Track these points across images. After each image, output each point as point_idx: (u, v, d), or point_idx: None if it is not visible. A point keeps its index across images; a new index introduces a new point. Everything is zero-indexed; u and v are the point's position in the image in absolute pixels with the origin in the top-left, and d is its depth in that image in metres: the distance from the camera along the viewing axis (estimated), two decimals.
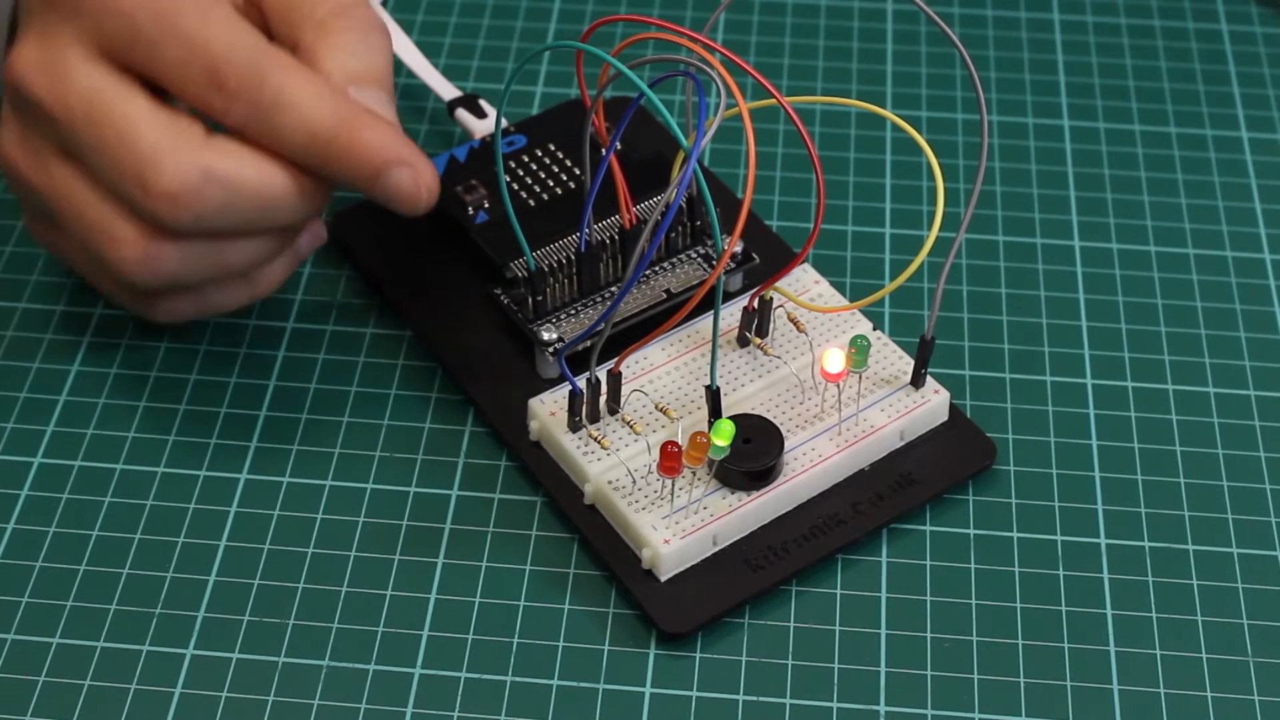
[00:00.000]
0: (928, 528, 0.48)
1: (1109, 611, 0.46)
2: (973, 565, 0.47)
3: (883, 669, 0.45)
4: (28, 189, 0.47)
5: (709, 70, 0.43)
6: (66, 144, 0.45)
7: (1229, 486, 0.49)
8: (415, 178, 0.45)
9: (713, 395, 0.47)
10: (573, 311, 0.50)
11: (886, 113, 0.46)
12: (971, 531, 0.48)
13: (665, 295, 0.51)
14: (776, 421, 0.48)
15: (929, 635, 0.46)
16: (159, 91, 0.45)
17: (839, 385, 0.48)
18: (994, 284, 0.54)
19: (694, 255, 0.52)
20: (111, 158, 0.44)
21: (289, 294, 0.53)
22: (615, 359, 0.47)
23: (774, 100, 0.44)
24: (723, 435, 0.45)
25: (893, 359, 0.50)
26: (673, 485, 0.46)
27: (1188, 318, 0.54)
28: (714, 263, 0.51)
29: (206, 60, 0.44)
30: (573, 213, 0.51)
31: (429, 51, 0.61)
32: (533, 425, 0.48)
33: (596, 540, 0.47)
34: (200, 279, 0.47)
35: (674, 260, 0.51)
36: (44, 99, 0.45)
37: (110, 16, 0.44)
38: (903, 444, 0.49)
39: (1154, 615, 0.46)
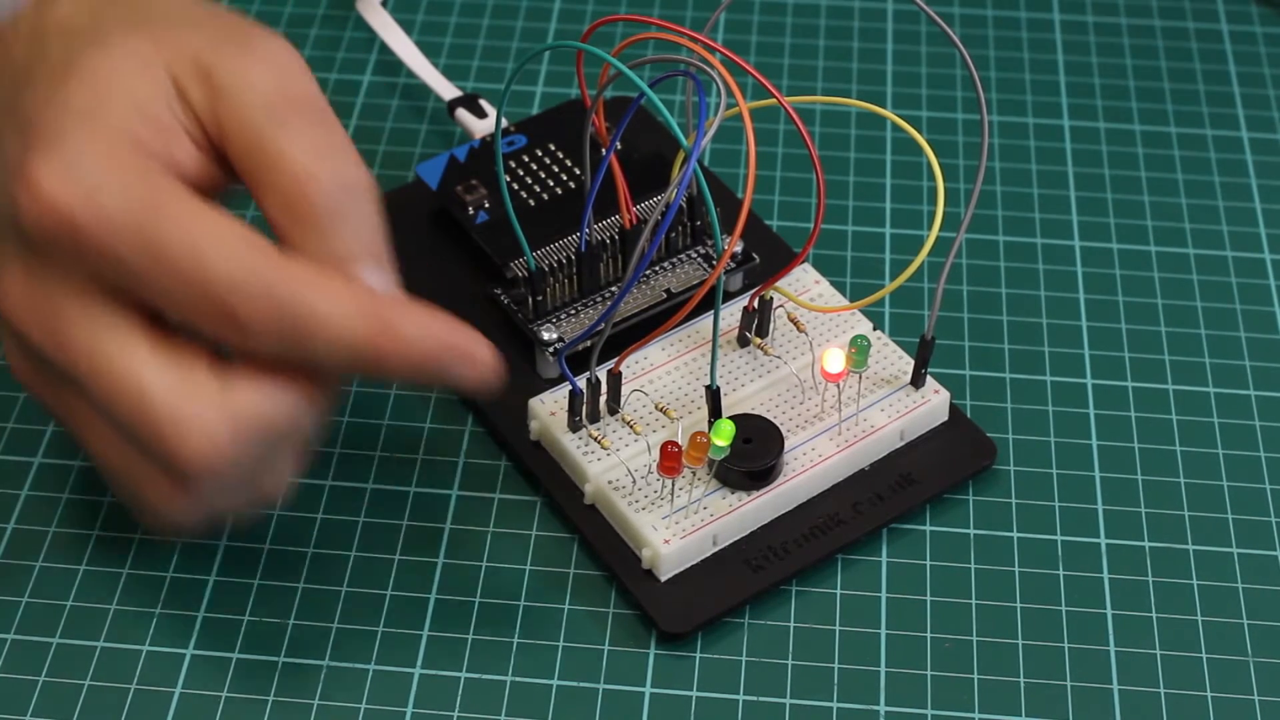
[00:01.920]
0: (928, 528, 0.48)
1: (1109, 611, 0.46)
2: (973, 565, 0.47)
3: (883, 669, 0.45)
4: (40, 403, 0.43)
5: (709, 70, 0.43)
6: (71, 383, 0.41)
7: (1229, 486, 0.49)
8: (474, 366, 0.41)
9: (713, 395, 0.47)
10: (573, 311, 0.50)
11: (886, 113, 0.46)
12: (971, 531, 0.48)
13: (665, 295, 0.51)
14: (776, 421, 0.48)
15: (929, 635, 0.46)
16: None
17: (839, 385, 0.48)
18: (994, 284, 0.54)
19: (694, 255, 0.52)
20: (126, 419, 0.40)
21: None
22: (615, 359, 0.47)
23: (774, 100, 0.44)
24: (723, 435, 0.45)
25: (893, 359, 0.50)
26: (673, 485, 0.46)
27: (1188, 318, 0.54)
28: (714, 263, 0.51)
29: (209, 296, 0.39)
30: (573, 213, 0.51)
31: (429, 51, 0.61)
32: (533, 425, 0.48)
33: (596, 540, 0.47)
34: (230, 500, 0.43)
35: (674, 260, 0.51)
36: (42, 345, 0.41)
37: (95, 257, 0.39)
38: (903, 444, 0.49)
39: (1154, 615, 0.46)
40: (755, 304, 0.49)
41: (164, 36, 0.42)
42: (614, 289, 0.51)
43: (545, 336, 0.49)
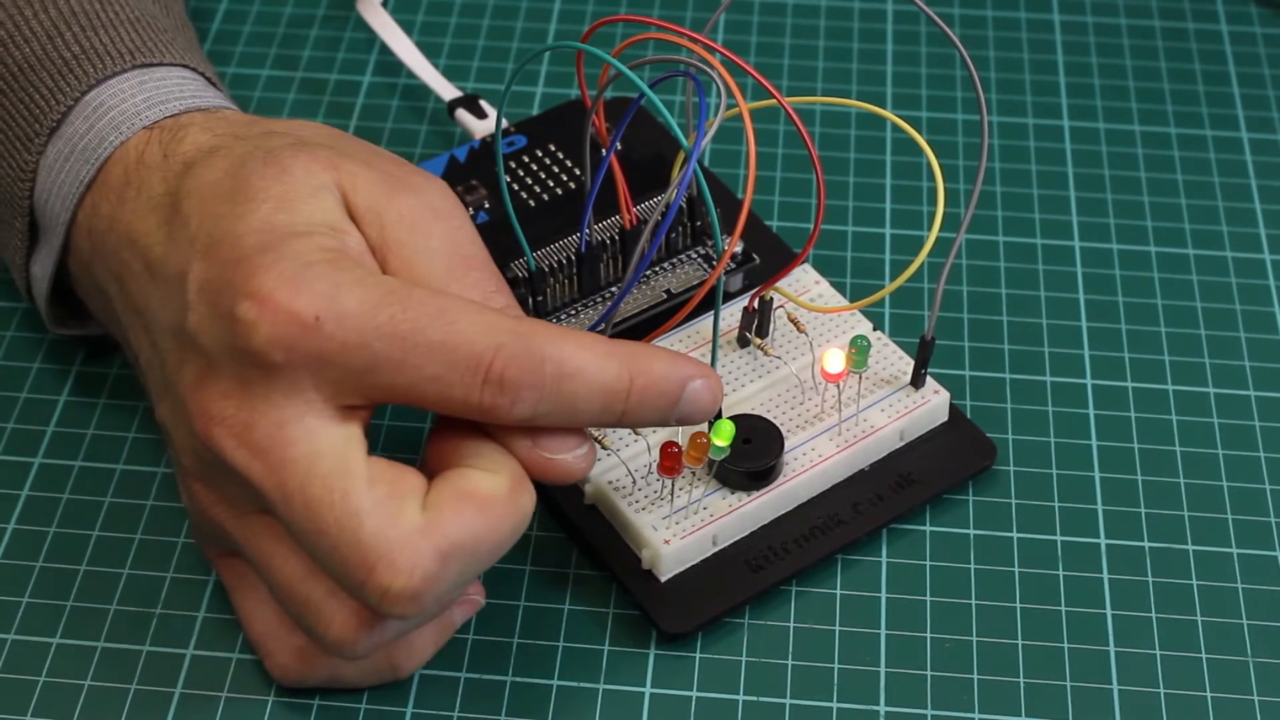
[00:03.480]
0: (928, 528, 0.48)
1: (1109, 611, 0.46)
2: (973, 565, 0.47)
3: (883, 669, 0.45)
4: (216, 530, 0.43)
5: (709, 70, 0.43)
6: (272, 510, 0.40)
7: (1229, 486, 0.49)
8: (708, 385, 0.42)
9: None
10: (573, 311, 0.50)
11: (886, 113, 0.46)
12: (971, 531, 0.48)
13: (665, 295, 0.51)
14: (776, 422, 0.48)
15: (929, 635, 0.46)
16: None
17: (839, 385, 0.48)
18: (994, 284, 0.54)
19: (694, 255, 0.52)
20: (329, 545, 0.39)
21: None
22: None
23: (774, 100, 0.44)
24: (723, 435, 0.45)
25: (893, 359, 0.50)
26: (673, 485, 0.46)
27: (1188, 318, 0.54)
28: (714, 263, 0.51)
29: (470, 363, 0.39)
30: (573, 213, 0.51)
31: (429, 51, 0.61)
32: None
33: (596, 540, 0.47)
34: (412, 629, 0.42)
35: (674, 260, 0.51)
36: (247, 469, 0.40)
37: (340, 357, 0.39)
38: (903, 444, 0.49)
39: (1154, 615, 0.46)
40: (755, 304, 0.49)
41: (329, 159, 0.43)
42: (614, 289, 0.51)
43: None
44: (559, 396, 0.40)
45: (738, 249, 0.52)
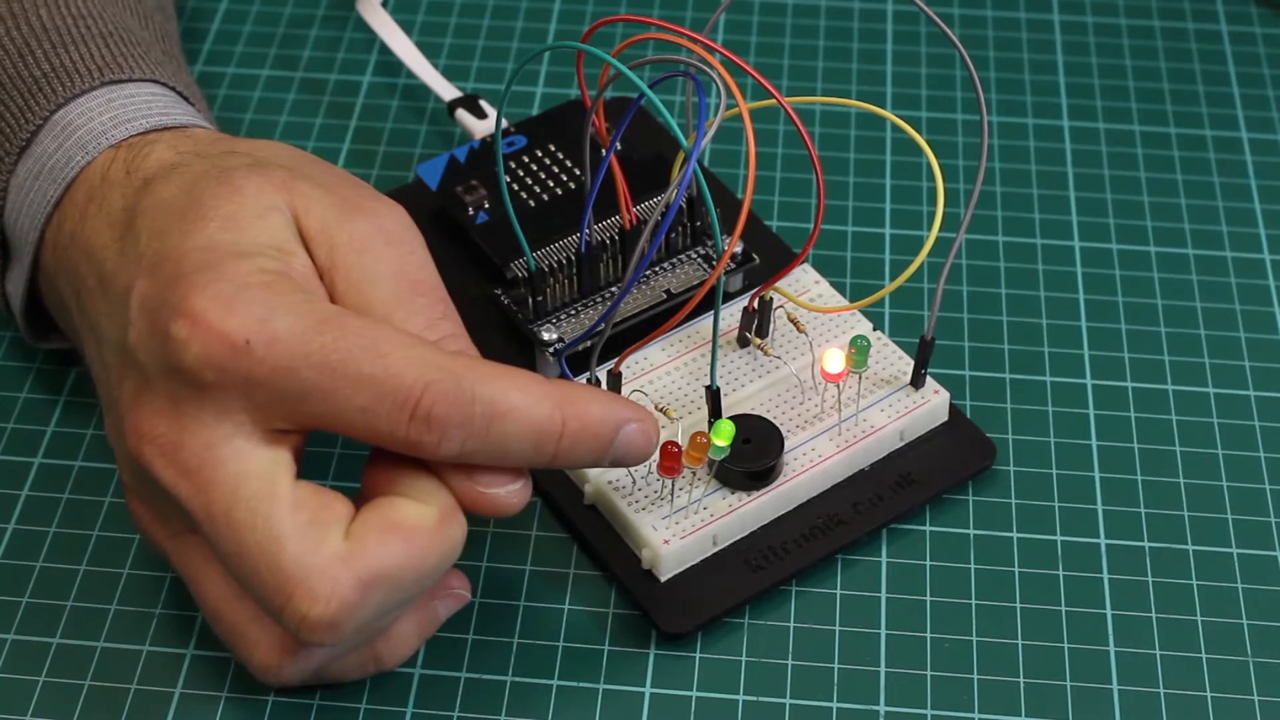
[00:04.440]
0: (928, 528, 0.48)
1: (1109, 611, 0.46)
2: (973, 565, 0.47)
3: (883, 669, 0.45)
4: (153, 547, 0.43)
5: (709, 70, 0.43)
6: (199, 530, 0.40)
7: (1229, 486, 0.49)
8: (642, 429, 0.42)
9: (713, 395, 0.47)
10: (573, 312, 0.50)
11: (886, 113, 0.46)
12: (971, 531, 0.48)
13: (665, 295, 0.51)
14: (776, 422, 0.48)
15: (929, 635, 0.46)
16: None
17: (839, 385, 0.48)
18: (994, 284, 0.54)
19: (694, 255, 0.52)
20: (249, 569, 0.39)
21: None
22: (615, 359, 0.47)
23: (774, 100, 0.44)
24: (723, 435, 0.45)
25: (893, 359, 0.50)
26: (673, 485, 0.46)
27: (1188, 318, 0.54)
28: (714, 263, 0.51)
29: (398, 396, 0.39)
30: (573, 213, 0.51)
31: (429, 51, 0.61)
32: None
33: (596, 540, 0.47)
34: (342, 655, 0.43)
35: (674, 260, 0.51)
36: (175, 488, 0.40)
37: (269, 381, 0.39)
38: (903, 444, 0.49)
39: (1154, 615, 0.46)
40: (755, 304, 0.49)
41: (283, 180, 0.42)
42: (614, 289, 0.51)
43: (545, 337, 0.49)
44: (488, 436, 0.40)
45: (738, 249, 0.52)
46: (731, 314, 0.50)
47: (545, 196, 0.53)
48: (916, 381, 0.49)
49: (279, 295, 0.40)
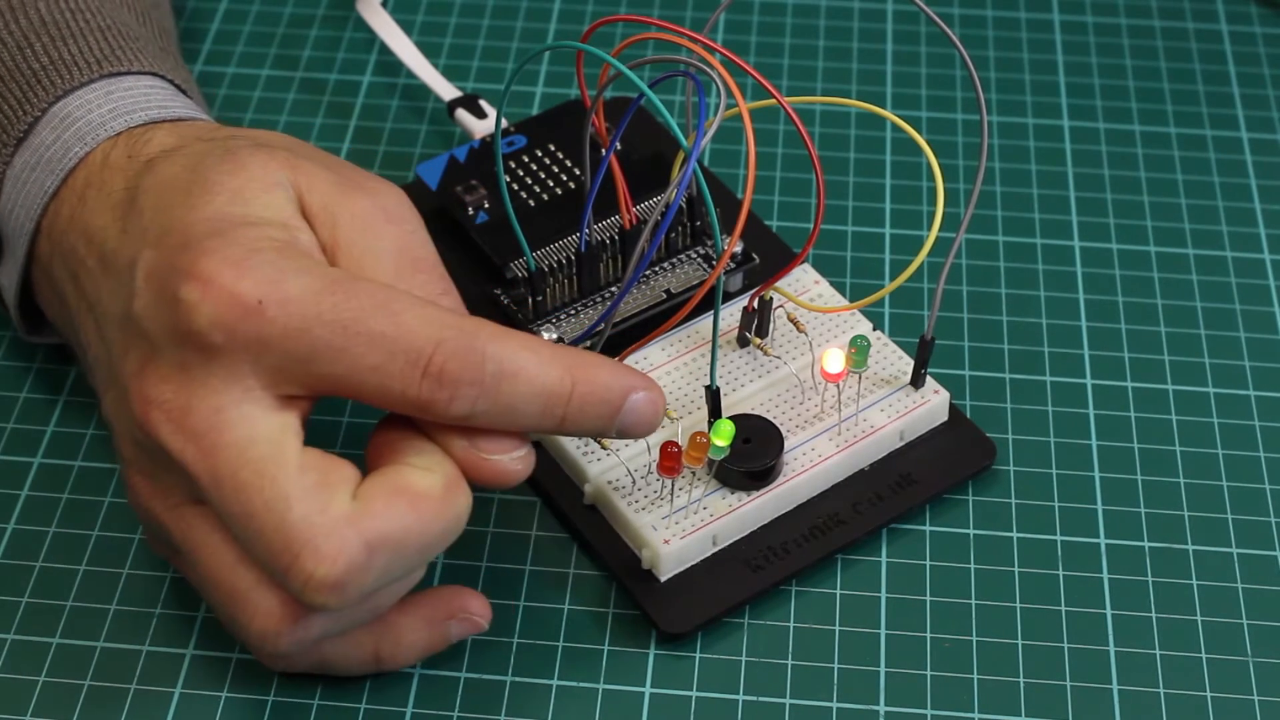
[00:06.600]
0: (927, 528, 0.48)
1: (1109, 611, 0.46)
2: (972, 565, 0.47)
3: (883, 669, 0.45)
4: (154, 523, 0.42)
5: (709, 70, 0.43)
6: (203, 498, 0.40)
7: (1229, 486, 0.49)
8: (650, 398, 0.42)
9: (712, 395, 0.47)
10: (573, 311, 0.50)
11: (886, 113, 0.46)
12: (971, 531, 0.48)
13: (665, 295, 0.51)
14: (776, 421, 0.48)
15: (929, 635, 0.46)
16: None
17: (839, 385, 0.48)
18: (994, 284, 0.54)
19: (694, 255, 0.52)
20: (256, 529, 0.39)
21: None
22: (615, 359, 0.47)
23: (774, 100, 0.44)
24: (722, 435, 0.45)
25: (893, 359, 0.50)
26: (672, 485, 0.46)
27: (1188, 318, 0.54)
28: (714, 263, 0.51)
29: (411, 354, 0.39)
30: (573, 213, 0.51)
31: (429, 51, 0.61)
32: None
33: (596, 540, 0.47)
34: (342, 632, 0.42)
35: (674, 260, 0.51)
36: (181, 453, 0.40)
37: (281, 342, 0.39)
38: (902, 444, 0.49)
39: (1154, 615, 0.46)
40: (755, 304, 0.49)
41: (286, 159, 0.43)
42: (614, 289, 0.51)
43: (545, 337, 0.49)
44: (498, 396, 0.40)
45: (737, 249, 0.52)
46: (731, 314, 0.50)
47: (545, 196, 0.53)
48: (916, 381, 0.49)
49: (289, 259, 0.40)
